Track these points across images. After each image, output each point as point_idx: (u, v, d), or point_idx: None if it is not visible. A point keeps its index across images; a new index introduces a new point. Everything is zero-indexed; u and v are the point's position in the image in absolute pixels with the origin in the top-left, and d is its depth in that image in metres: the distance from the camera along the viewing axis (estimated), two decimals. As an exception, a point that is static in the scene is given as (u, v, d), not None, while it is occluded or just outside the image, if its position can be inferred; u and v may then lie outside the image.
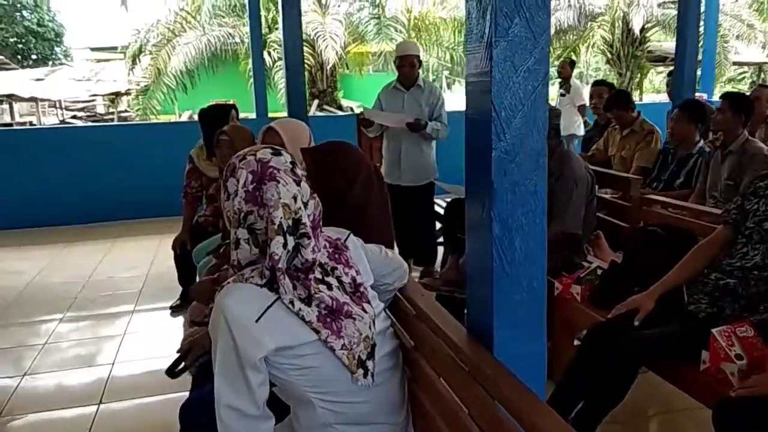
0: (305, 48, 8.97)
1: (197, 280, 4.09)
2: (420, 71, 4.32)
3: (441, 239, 4.78)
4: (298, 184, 1.41)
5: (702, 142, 4.00)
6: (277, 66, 12.70)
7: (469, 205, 1.34)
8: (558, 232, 2.86)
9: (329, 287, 1.43)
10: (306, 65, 10.19)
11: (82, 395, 2.99)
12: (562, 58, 7.74)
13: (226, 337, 1.34)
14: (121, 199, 6.68)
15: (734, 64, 16.15)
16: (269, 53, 12.54)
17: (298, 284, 1.38)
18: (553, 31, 14.06)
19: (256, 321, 1.33)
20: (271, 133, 2.39)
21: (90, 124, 12.86)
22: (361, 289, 1.50)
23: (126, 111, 16.55)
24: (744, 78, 21.13)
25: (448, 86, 17.52)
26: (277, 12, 12.93)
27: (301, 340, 1.37)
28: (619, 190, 3.46)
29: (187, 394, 2.96)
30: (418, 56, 4.28)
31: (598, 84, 5.32)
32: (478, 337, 1.35)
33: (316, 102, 13.27)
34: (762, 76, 18.14)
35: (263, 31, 11.18)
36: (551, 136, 2.71)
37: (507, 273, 1.27)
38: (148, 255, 5.36)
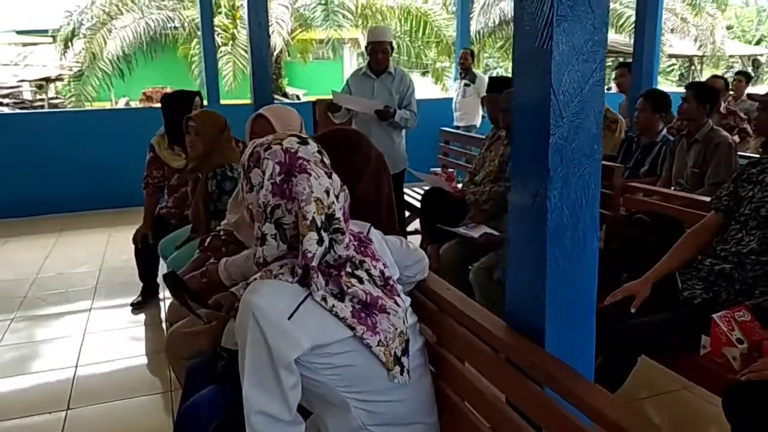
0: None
1: (160, 274, 3.89)
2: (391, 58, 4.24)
3: (409, 228, 4.75)
4: (330, 177, 1.33)
5: (665, 130, 4.10)
6: (221, 51, 12.31)
7: (516, 194, 1.28)
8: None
9: (360, 281, 1.35)
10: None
11: (47, 401, 2.77)
12: (462, 49, 7.58)
13: (257, 337, 1.24)
14: (61, 191, 6.28)
15: (669, 56, 16.78)
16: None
17: (330, 280, 1.30)
18: (497, 21, 14.19)
19: (289, 318, 1.24)
20: (261, 121, 2.27)
21: (20, 111, 12.08)
22: (391, 282, 1.43)
23: (57, 98, 15.67)
24: (673, 70, 22.02)
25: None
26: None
27: (335, 338, 1.29)
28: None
29: (162, 394, 2.84)
30: (391, 43, 4.19)
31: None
32: (523, 331, 1.30)
33: (261, 89, 12.94)
34: (692, 68, 18.94)
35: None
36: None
37: (559, 266, 1.22)
38: (98, 249, 5.08)
